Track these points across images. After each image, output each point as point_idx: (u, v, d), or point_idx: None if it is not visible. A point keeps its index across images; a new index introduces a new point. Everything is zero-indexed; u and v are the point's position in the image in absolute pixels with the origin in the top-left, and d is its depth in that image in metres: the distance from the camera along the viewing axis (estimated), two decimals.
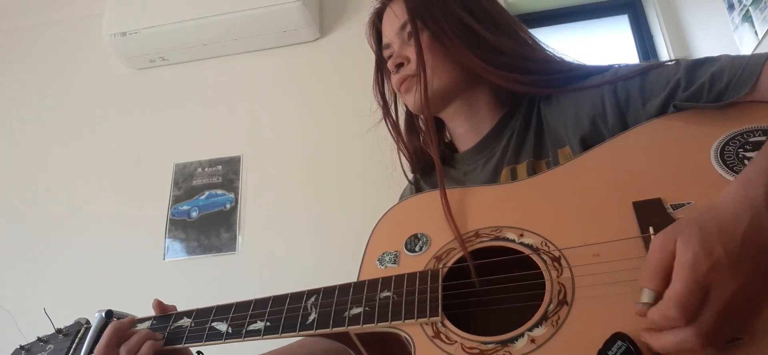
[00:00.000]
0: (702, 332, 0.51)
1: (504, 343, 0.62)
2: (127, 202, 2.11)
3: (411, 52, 0.94)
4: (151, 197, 2.11)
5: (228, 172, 2.10)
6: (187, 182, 2.12)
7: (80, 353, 0.86)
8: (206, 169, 2.13)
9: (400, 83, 0.95)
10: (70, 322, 0.94)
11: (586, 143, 0.82)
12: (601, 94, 0.84)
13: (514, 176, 0.88)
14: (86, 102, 2.32)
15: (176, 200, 2.10)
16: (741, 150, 0.65)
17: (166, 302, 0.90)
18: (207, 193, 2.09)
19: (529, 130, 0.92)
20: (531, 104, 0.94)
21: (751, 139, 0.66)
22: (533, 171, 0.85)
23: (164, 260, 2.01)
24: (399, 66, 0.96)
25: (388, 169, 1.14)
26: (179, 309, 0.88)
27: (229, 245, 2.00)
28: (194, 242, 2.02)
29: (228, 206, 2.06)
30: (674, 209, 0.64)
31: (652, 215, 0.64)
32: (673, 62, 0.81)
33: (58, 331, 0.93)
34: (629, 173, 0.71)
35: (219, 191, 2.09)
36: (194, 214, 2.06)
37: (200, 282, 1.95)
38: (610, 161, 0.74)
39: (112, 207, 2.11)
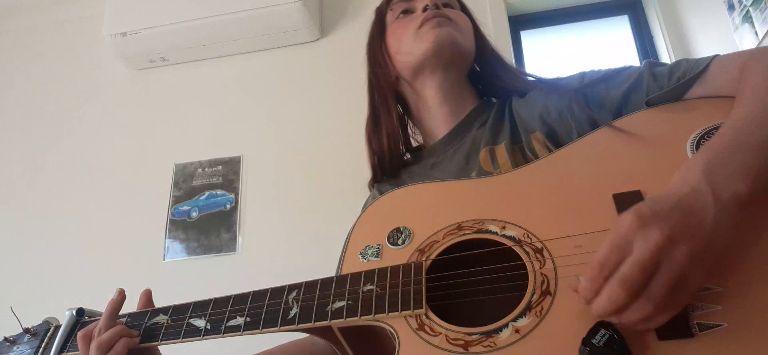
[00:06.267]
0: (625, 286, 0.51)
1: (488, 334, 0.62)
2: (127, 202, 2.12)
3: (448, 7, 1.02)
4: (151, 197, 2.11)
5: (228, 173, 2.11)
6: (187, 183, 2.12)
7: (49, 353, 0.84)
8: (206, 169, 2.13)
9: (436, 16, 0.97)
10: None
11: (553, 134, 0.86)
12: (568, 91, 0.90)
13: (492, 157, 0.89)
14: (86, 102, 2.33)
15: (176, 200, 2.11)
16: None
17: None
18: (207, 193, 2.10)
19: (503, 120, 0.95)
20: (503, 102, 1.00)
21: None
22: (511, 151, 0.88)
23: (164, 260, 2.02)
24: (445, 5, 1.02)
25: None
26: None
27: (229, 246, 2.00)
28: (194, 242, 2.02)
29: (228, 206, 2.06)
30: None
31: (631, 206, 0.64)
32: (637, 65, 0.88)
33: (26, 330, 0.90)
34: (610, 166, 0.72)
35: (219, 192, 2.09)
36: (194, 214, 2.07)
37: (200, 283, 1.95)
38: (591, 154, 0.75)
39: (112, 207, 2.12)
